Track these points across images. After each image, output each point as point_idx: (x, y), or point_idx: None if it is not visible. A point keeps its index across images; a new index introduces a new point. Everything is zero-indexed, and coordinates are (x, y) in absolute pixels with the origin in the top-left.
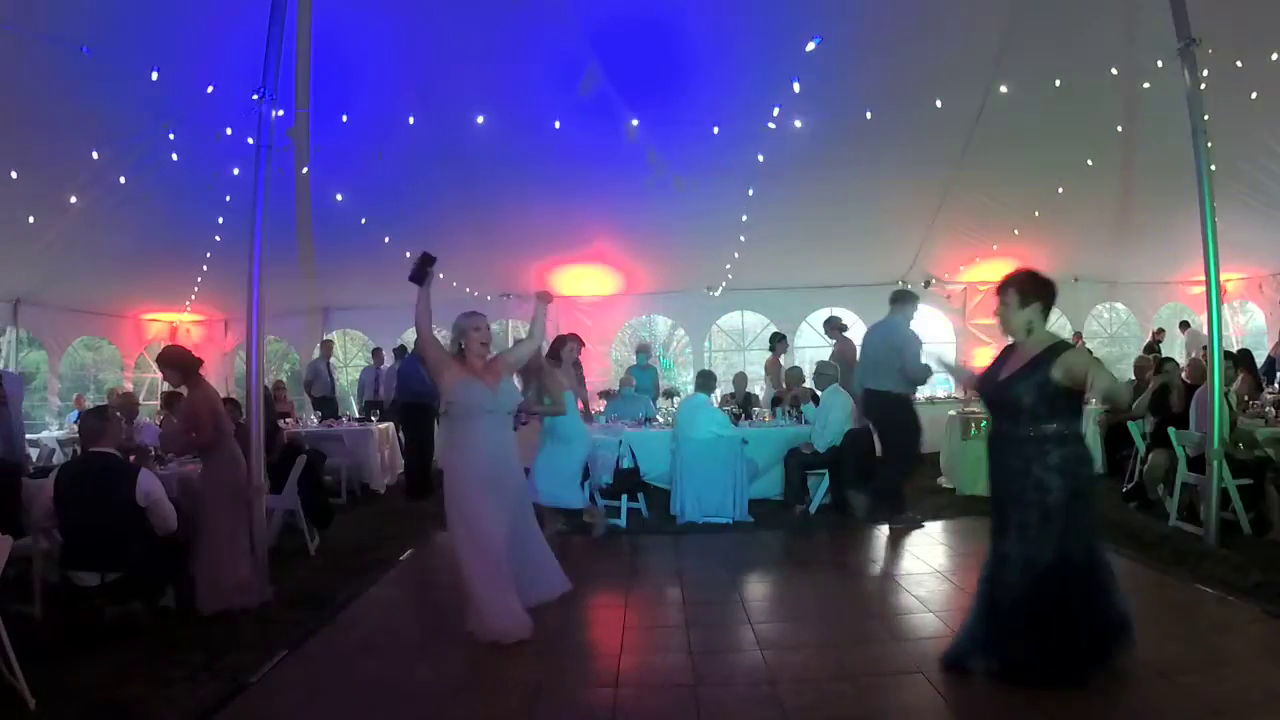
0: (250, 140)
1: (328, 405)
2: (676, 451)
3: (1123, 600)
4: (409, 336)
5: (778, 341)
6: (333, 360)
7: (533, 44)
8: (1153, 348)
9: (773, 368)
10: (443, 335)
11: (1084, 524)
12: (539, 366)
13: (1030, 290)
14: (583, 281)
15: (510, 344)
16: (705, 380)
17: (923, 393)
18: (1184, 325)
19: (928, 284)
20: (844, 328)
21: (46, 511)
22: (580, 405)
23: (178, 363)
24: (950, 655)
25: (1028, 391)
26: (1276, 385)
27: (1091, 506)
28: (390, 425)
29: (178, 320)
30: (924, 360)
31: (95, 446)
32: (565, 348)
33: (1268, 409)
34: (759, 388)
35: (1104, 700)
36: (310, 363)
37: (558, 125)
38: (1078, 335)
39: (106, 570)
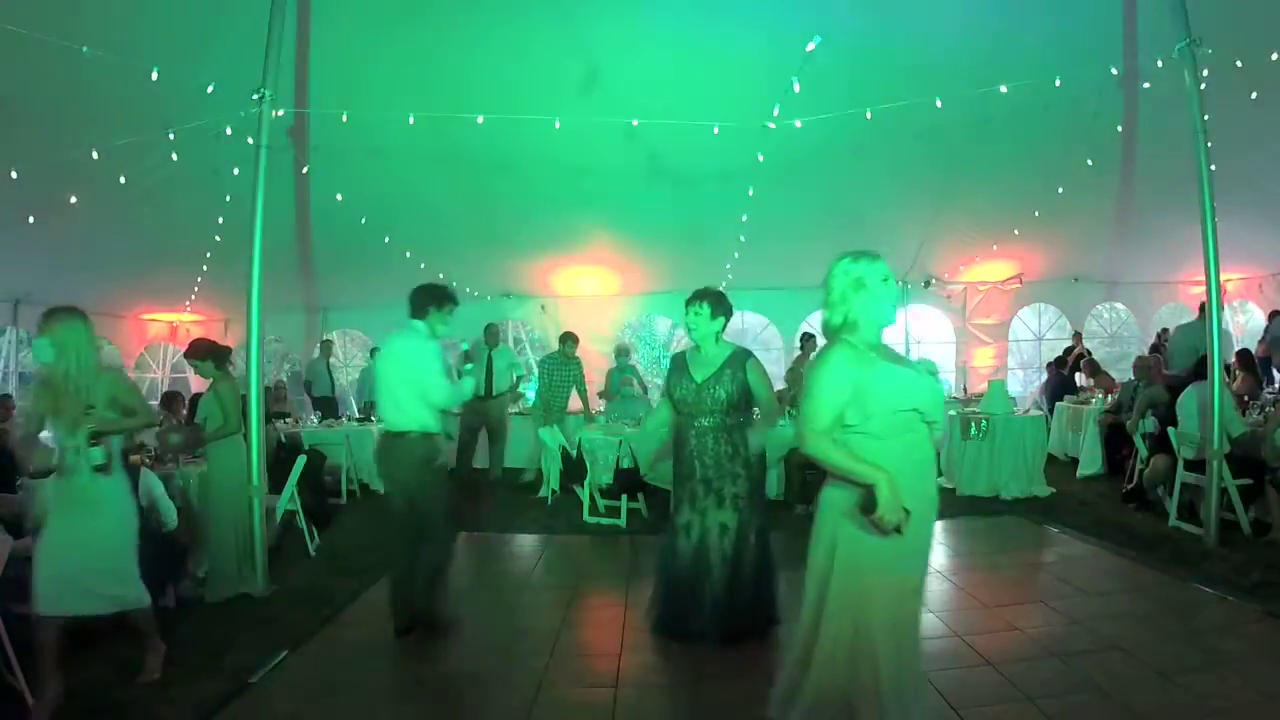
0: (250, 140)
1: (328, 405)
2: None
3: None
4: None
5: (806, 341)
6: (333, 360)
7: (533, 44)
8: (1159, 348)
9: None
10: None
11: (761, 496)
12: None
13: (720, 305)
14: (583, 281)
15: (510, 344)
16: None
17: None
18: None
19: (928, 284)
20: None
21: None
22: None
23: (208, 352)
24: (664, 624)
25: (731, 390)
26: (1277, 385)
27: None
28: None
29: (178, 320)
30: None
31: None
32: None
33: (1268, 409)
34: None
35: (1104, 700)
36: (310, 363)
37: (558, 125)
38: (1077, 335)
39: None
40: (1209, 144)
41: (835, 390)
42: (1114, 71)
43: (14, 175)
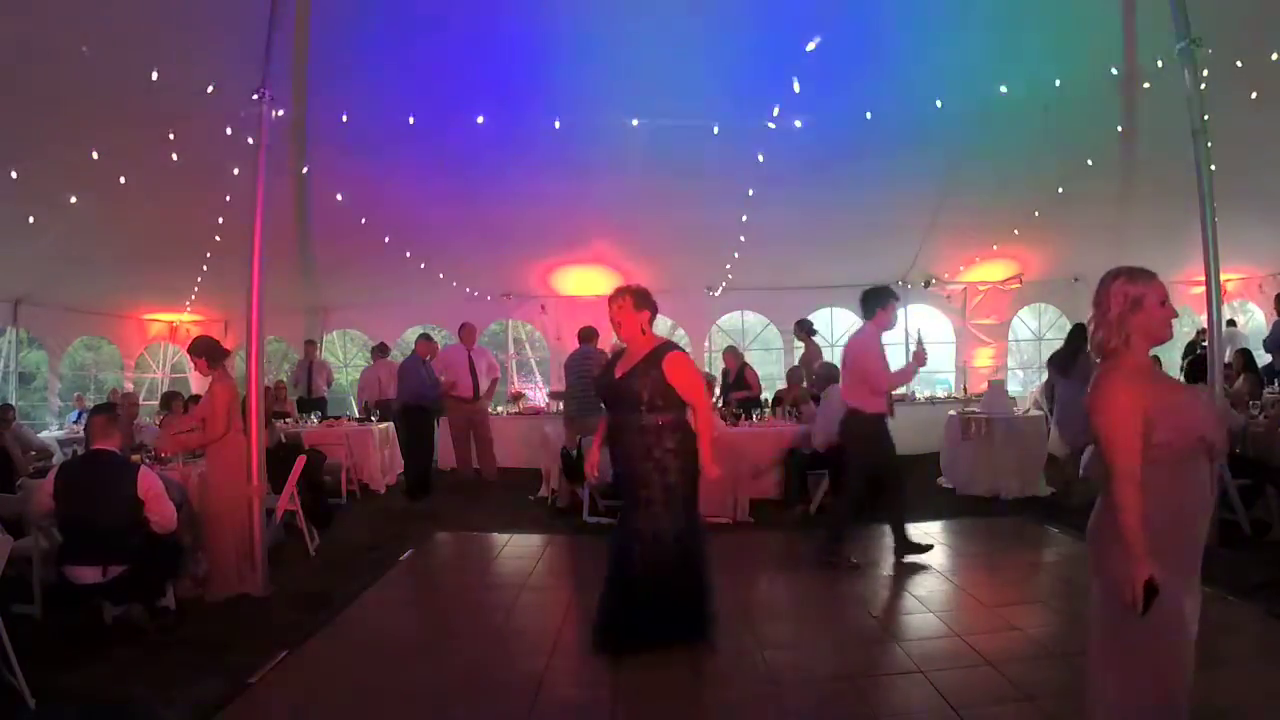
0: (250, 140)
1: (304, 405)
2: None
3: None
4: (409, 336)
5: (801, 331)
6: (317, 360)
7: (533, 44)
8: (1194, 348)
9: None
10: (442, 336)
11: (693, 501)
12: None
13: (644, 297)
14: (583, 282)
15: (510, 344)
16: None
17: (922, 394)
18: (1230, 323)
19: (928, 284)
20: (813, 331)
21: (45, 510)
22: None
23: (205, 350)
24: (604, 636)
25: (645, 386)
26: (1277, 385)
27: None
28: (390, 425)
29: (178, 320)
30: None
31: (99, 444)
32: None
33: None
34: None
35: None
36: (294, 364)
37: (558, 125)
38: None
39: (107, 563)
40: (1209, 144)
41: (1134, 418)
42: (1114, 71)
43: (14, 175)
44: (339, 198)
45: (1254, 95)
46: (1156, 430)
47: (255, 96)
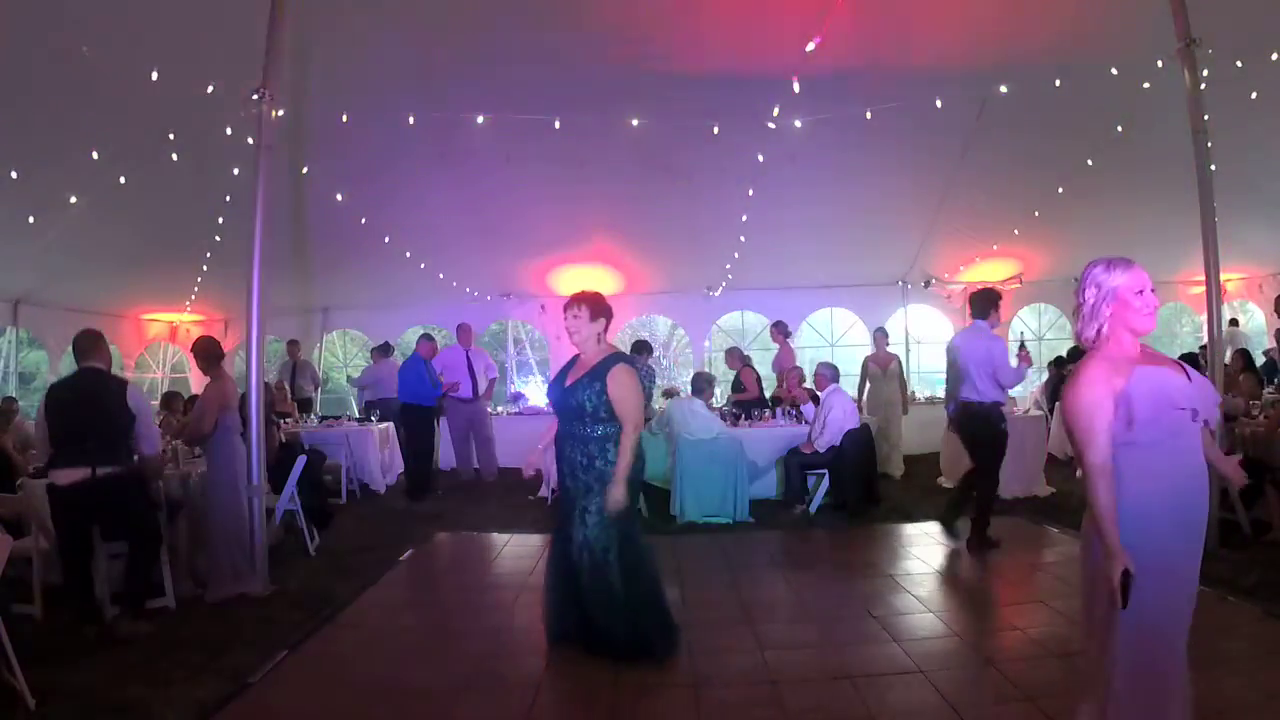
0: (250, 140)
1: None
2: (676, 451)
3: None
4: (409, 336)
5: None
6: (300, 361)
7: (533, 44)
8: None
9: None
10: (442, 336)
11: (634, 516)
12: None
13: (599, 306)
14: (583, 281)
15: (509, 345)
16: (698, 382)
17: (922, 394)
18: (1233, 322)
19: (928, 284)
20: (789, 333)
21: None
22: None
23: (200, 351)
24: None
25: (589, 397)
26: (1277, 385)
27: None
28: (390, 425)
29: (178, 320)
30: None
31: (87, 362)
32: None
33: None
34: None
35: None
36: (280, 365)
37: (558, 125)
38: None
39: (96, 465)
40: (1209, 144)
41: (1102, 411)
42: (1114, 71)
43: (14, 175)
44: (339, 198)
45: (1254, 95)
46: (1136, 409)
47: (255, 96)
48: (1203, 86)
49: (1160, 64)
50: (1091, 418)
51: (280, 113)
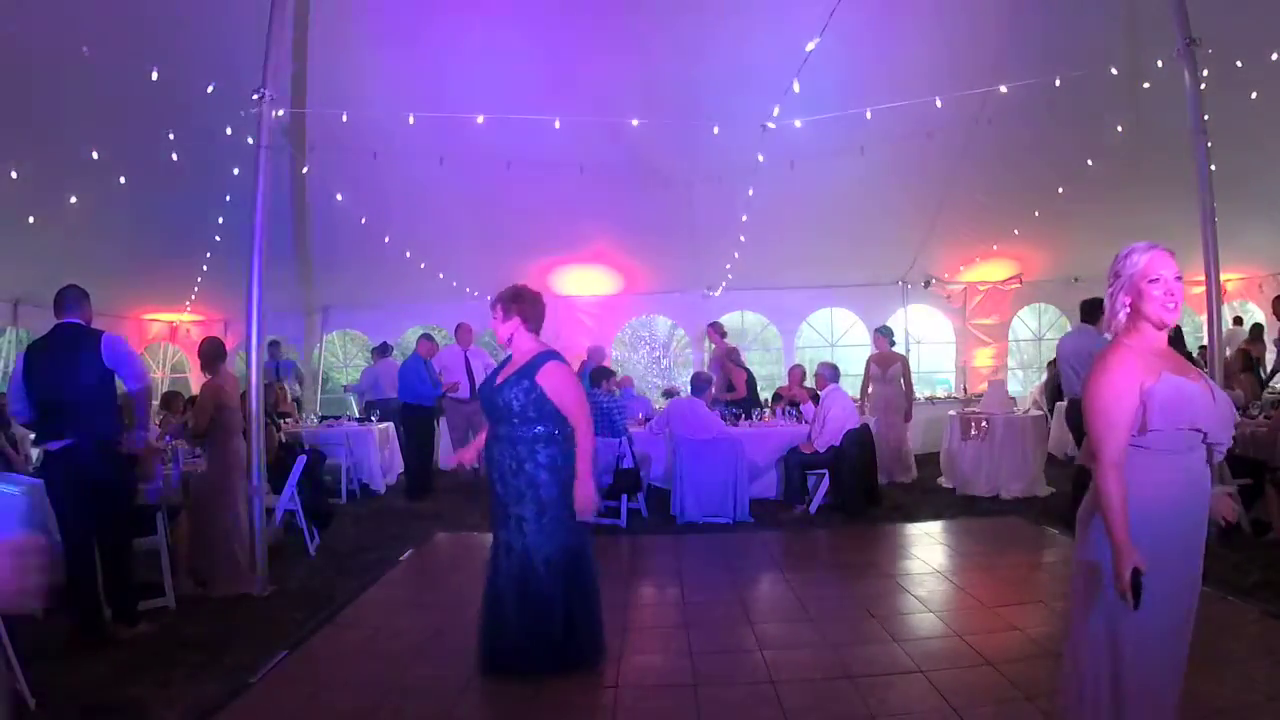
0: (250, 140)
1: (279, 414)
2: (676, 451)
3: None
4: (409, 337)
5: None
6: (283, 362)
7: (533, 44)
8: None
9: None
10: (442, 336)
11: (570, 521)
12: None
13: (515, 302)
14: (583, 281)
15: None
16: (698, 382)
17: (922, 393)
18: (1237, 321)
19: (928, 284)
20: (724, 333)
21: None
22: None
23: (202, 352)
24: (489, 660)
25: (515, 395)
26: (1276, 384)
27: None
28: (390, 425)
29: (178, 320)
30: None
31: (65, 317)
32: None
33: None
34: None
35: None
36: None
37: (558, 125)
38: None
39: (79, 436)
40: (1209, 144)
41: (1126, 403)
42: (1114, 71)
43: (14, 175)
44: (339, 198)
45: (1254, 95)
46: (1153, 416)
47: (255, 96)
48: (1203, 86)
49: (1160, 64)
50: (1116, 408)
51: (280, 113)
